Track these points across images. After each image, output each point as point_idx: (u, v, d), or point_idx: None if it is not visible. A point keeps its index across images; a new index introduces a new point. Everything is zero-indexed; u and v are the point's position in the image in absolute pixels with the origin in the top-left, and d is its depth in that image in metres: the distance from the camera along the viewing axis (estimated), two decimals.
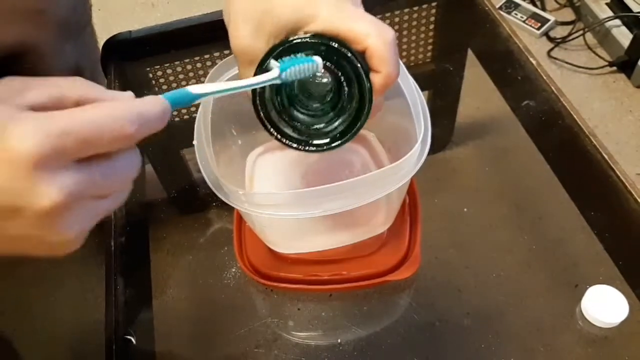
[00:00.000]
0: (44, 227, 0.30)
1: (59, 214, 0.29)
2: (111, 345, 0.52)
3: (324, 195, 0.44)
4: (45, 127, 0.28)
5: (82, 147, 0.29)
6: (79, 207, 0.30)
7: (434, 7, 0.78)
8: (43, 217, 0.29)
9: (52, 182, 0.28)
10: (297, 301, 0.56)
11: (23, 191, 0.28)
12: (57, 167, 0.28)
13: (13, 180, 0.28)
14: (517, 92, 0.70)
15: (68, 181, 0.29)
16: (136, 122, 0.30)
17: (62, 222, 0.30)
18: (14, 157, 0.27)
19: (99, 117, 0.29)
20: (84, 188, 0.30)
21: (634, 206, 0.57)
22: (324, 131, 0.43)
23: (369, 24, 0.39)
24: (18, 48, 0.72)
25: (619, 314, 0.50)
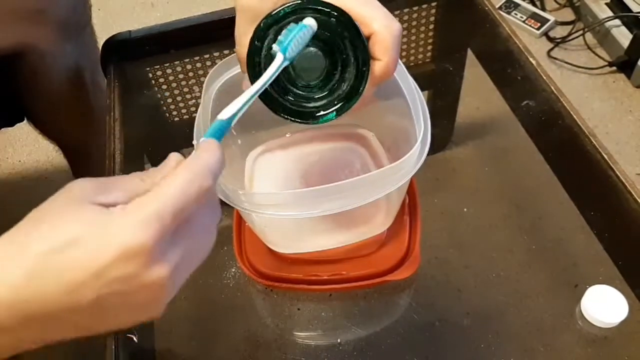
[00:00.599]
0: (152, 302, 0.32)
1: (168, 287, 0.31)
2: (111, 345, 0.52)
3: (324, 195, 0.44)
4: (142, 216, 0.29)
5: (178, 218, 0.30)
6: (181, 270, 0.32)
7: (434, 7, 0.78)
8: (154, 294, 0.31)
9: (162, 265, 0.30)
10: (297, 301, 0.56)
11: (138, 280, 0.29)
12: (163, 248, 0.30)
13: (128, 271, 0.29)
14: (517, 92, 0.70)
15: (172, 258, 0.30)
16: (209, 174, 0.32)
17: (168, 290, 0.32)
18: (130, 252, 0.28)
19: (181, 185, 0.30)
20: (185, 253, 0.31)
21: (633, 206, 0.57)
22: (310, 106, 0.43)
23: (380, 10, 0.39)
24: (18, 48, 0.72)
25: (619, 314, 0.50)
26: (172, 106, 0.76)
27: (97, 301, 0.29)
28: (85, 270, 0.28)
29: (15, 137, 1.63)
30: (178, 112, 0.76)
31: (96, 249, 0.29)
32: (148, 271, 0.29)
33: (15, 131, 1.53)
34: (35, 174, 1.56)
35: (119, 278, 0.29)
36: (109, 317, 0.31)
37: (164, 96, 0.76)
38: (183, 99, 0.76)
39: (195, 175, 0.31)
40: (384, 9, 0.40)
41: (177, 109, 0.76)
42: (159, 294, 0.31)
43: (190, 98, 0.76)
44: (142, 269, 0.29)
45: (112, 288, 0.29)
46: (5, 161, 1.60)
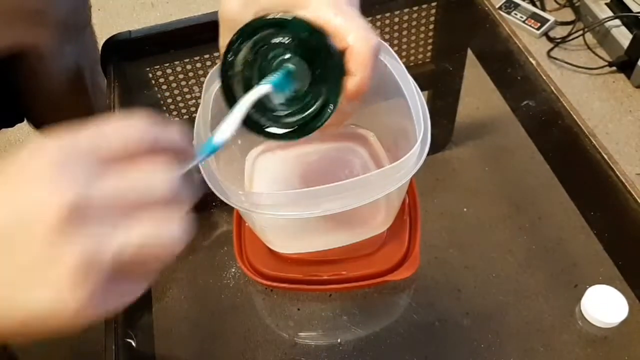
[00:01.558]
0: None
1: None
2: (111, 345, 0.52)
3: (324, 195, 0.44)
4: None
5: (90, 152, 0.27)
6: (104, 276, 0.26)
7: (434, 7, 0.78)
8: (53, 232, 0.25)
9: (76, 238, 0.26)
10: (297, 301, 0.56)
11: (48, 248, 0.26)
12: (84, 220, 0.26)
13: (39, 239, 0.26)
14: (516, 92, 0.70)
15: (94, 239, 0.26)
16: (149, 128, 0.29)
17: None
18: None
19: (108, 125, 0.28)
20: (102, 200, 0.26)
21: (633, 206, 0.57)
22: (284, 121, 0.42)
23: (357, 22, 0.38)
24: (18, 49, 0.72)
25: (619, 314, 0.50)
26: (172, 106, 0.76)
27: None
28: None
29: (15, 137, 1.63)
30: (178, 112, 0.76)
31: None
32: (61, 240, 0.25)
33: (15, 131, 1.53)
34: None
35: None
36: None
37: (164, 96, 0.76)
38: (183, 99, 0.76)
39: (129, 123, 0.28)
40: (361, 21, 0.38)
41: (177, 109, 0.76)
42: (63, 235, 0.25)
43: (190, 98, 0.76)
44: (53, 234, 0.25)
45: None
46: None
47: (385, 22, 0.77)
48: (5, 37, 0.68)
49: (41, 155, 0.26)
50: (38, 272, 0.25)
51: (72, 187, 0.25)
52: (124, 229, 0.26)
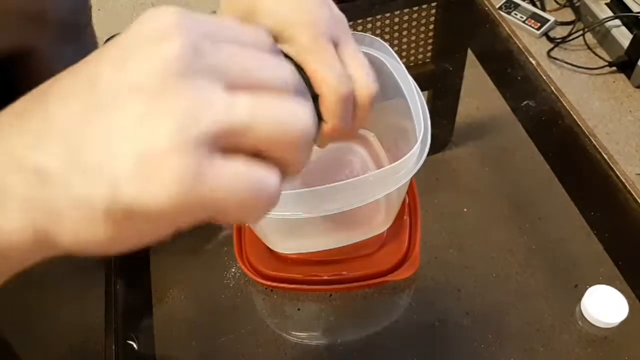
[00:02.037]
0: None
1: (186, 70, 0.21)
2: (111, 345, 0.52)
3: (324, 195, 0.44)
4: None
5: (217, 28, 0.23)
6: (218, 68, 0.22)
7: (434, 7, 0.78)
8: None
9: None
10: (297, 301, 0.56)
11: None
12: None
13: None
14: (517, 92, 0.70)
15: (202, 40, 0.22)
16: (295, 79, 0.25)
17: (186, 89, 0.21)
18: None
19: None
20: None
21: (633, 206, 0.57)
22: None
23: (331, 71, 0.36)
24: (18, 50, 0.72)
25: (619, 314, 0.50)
26: None
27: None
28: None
29: None
30: None
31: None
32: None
33: None
34: None
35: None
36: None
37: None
38: None
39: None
40: (336, 68, 0.36)
41: None
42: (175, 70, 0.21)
43: None
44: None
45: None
46: None
47: (385, 22, 0.77)
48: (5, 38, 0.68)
49: (165, 8, 0.23)
50: (136, 127, 0.20)
51: (197, 31, 0.22)
52: (238, 95, 0.22)
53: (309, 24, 0.37)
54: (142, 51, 0.21)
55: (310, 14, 0.37)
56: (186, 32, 0.21)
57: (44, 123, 0.22)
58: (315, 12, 0.37)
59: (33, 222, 0.21)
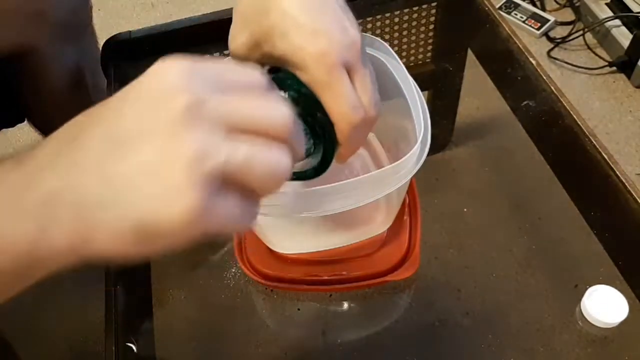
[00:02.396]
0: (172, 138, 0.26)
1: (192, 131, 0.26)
2: (111, 345, 0.52)
3: (324, 195, 0.44)
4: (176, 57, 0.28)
5: (219, 76, 0.28)
6: (215, 142, 0.27)
7: (434, 7, 0.78)
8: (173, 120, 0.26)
9: (186, 90, 0.27)
10: (297, 301, 0.56)
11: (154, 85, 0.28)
12: (195, 81, 0.27)
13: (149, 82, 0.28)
14: (517, 92, 0.70)
15: (210, 107, 0.27)
16: (290, 119, 0.29)
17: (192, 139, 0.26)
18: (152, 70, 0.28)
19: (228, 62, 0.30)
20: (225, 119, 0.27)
21: (633, 206, 0.57)
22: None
23: (345, 103, 0.38)
24: (19, 49, 0.72)
25: (619, 314, 0.50)
26: None
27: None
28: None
29: (16, 137, 1.63)
30: None
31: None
32: (163, 82, 0.27)
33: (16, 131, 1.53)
34: None
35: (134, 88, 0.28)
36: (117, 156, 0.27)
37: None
38: None
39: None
40: (349, 98, 0.38)
41: None
42: (178, 128, 0.26)
43: None
44: (156, 76, 0.27)
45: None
46: None
47: (385, 22, 0.77)
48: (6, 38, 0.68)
49: (171, 64, 0.28)
50: (155, 165, 0.26)
51: (200, 85, 0.27)
52: (237, 141, 0.27)
53: (322, 55, 0.38)
54: (156, 105, 0.27)
55: (325, 41, 0.38)
56: (191, 88, 0.27)
57: (78, 163, 0.27)
58: (331, 39, 0.38)
59: (72, 239, 0.27)
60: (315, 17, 0.38)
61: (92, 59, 0.82)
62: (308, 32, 0.38)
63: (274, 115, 0.29)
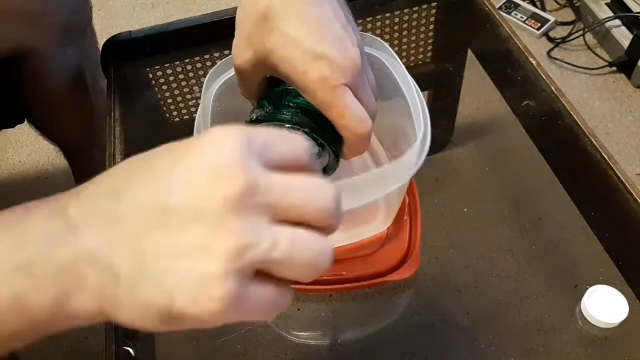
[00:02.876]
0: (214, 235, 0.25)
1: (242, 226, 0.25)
2: (111, 345, 0.52)
3: None
4: (226, 130, 0.26)
5: (270, 152, 0.27)
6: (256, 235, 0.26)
7: (434, 7, 0.78)
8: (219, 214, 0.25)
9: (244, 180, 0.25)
10: (297, 301, 0.56)
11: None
12: (251, 166, 0.26)
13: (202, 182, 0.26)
14: (517, 92, 0.70)
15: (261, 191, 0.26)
16: (306, 152, 0.29)
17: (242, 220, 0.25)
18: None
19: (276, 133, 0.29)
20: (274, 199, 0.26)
21: (633, 206, 0.57)
22: None
23: (350, 119, 0.40)
24: (19, 50, 0.72)
25: (619, 314, 0.50)
26: (172, 106, 0.76)
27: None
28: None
29: (16, 137, 1.63)
30: (178, 112, 0.76)
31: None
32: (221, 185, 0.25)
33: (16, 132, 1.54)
34: (36, 174, 1.56)
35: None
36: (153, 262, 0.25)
37: (164, 96, 0.76)
38: (183, 99, 0.76)
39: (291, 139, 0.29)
40: (354, 113, 0.40)
41: (177, 109, 0.76)
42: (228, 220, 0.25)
43: (191, 98, 0.76)
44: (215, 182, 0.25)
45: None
46: (5, 162, 1.60)
47: (385, 22, 0.77)
48: (6, 39, 0.68)
49: (227, 134, 0.26)
50: (197, 250, 0.25)
51: (254, 164, 0.26)
52: (281, 231, 0.26)
53: (324, 79, 0.39)
54: (211, 183, 0.25)
55: (326, 66, 0.38)
56: (247, 169, 0.25)
57: (117, 227, 0.26)
58: (331, 62, 0.38)
59: (100, 305, 0.26)
60: (316, 41, 0.39)
61: (92, 59, 0.82)
62: (309, 57, 0.38)
63: (320, 206, 0.28)
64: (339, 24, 0.40)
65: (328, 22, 0.39)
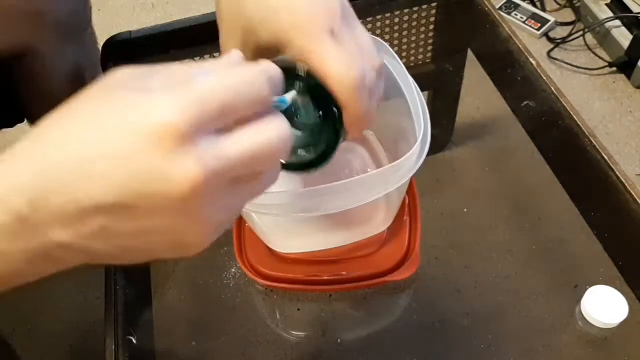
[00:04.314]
0: (180, 215, 0.26)
1: (199, 196, 0.25)
2: (111, 345, 0.52)
3: (324, 195, 0.44)
4: (181, 96, 0.25)
5: (222, 114, 0.26)
6: (221, 189, 0.27)
7: (434, 7, 0.78)
8: (181, 201, 0.25)
9: (192, 156, 0.25)
10: (297, 301, 0.56)
11: (160, 172, 0.25)
12: (197, 138, 0.25)
13: (149, 159, 0.25)
14: (517, 93, 0.70)
15: (210, 153, 0.25)
16: (267, 83, 0.28)
17: (202, 207, 0.26)
18: (150, 131, 0.24)
19: (233, 81, 0.27)
20: (227, 162, 0.26)
21: (633, 206, 0.57)
22: (298, 156, 0.41)
23: (335, 62, 0.37)
24: (18, 50, 0.72)
25: (619, 314, 0.50)
26: None
27: (114, 201, 0.25)
28: (100, 156, 0.25)
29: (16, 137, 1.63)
30: None
31: (113, 129, 0.25)
32: (170, 164, 0.24)
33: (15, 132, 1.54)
34: None
35: (138, 166, 0.24)
36: (126, 230, 0.26)
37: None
38: None
39: (254, 77, 0.28)
40: (340, 57, 0.37)
41: None
42: (186, 205, 0.25)
43: None
44: (160, 159, 0.24)
45: (129, 185, 0.25)
46: None
47: (385, 22, 0.77)
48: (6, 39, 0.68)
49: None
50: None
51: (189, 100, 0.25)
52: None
53: (302, 26, 0.37)
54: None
55: (303, 14, 0.37)
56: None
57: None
58: (308, 11, 0.37)
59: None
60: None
61: (92, 59, 0.82)
62: (285, 12, 0.38)
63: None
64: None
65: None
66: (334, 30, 0.38)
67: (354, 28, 0.39)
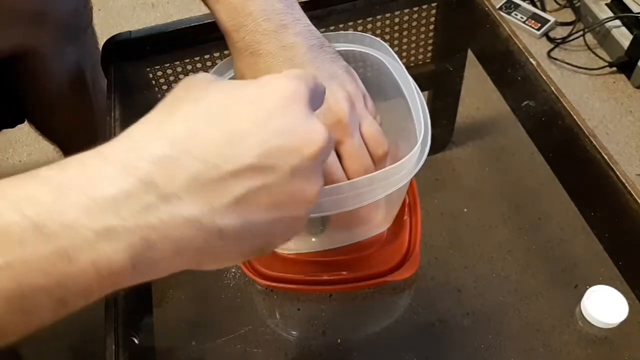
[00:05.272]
0: (309, 173, 0.30)
1: (321, 157, 0.30)
2: (111, 345, 0.52)
3: (324, 196, 0.44)
4: (292, 74, 0.31)
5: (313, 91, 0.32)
6: (322, 163, 0.32)
7: (434, 7, 0.78)
8: (313, 158, 0.29)
9: (319, 121, 0.30)
10: (297, 301, 0.56)
11: (300, 129, 0.29)
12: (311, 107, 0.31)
13: (288, 117, 0.29)
14: (517, 93, 0.70)
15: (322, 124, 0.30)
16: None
17: (319, 169, 0.31)
18: (289, 97, 0.29)
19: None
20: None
21: (634, 206, 0.57)
22: None
23: (356, 162, 0.44)
24: (19, 50, 0.72)
25: (619, 314, 0.50)
26: None
27: (253, 162, 0.27)
28: (247, 120, 0.28)
29: (16, 137, 1.63)
30: None
31: (254, 100, 0.28)
32: (306, 119, 0.29)
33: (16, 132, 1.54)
34: None
35: (281, 126, 0.28)
36: (260, 201, 0.28)
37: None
38: None
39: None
40: (360, 157, 0.44)
41: None
42: (314, 164, 0.30)
43: None
44: (301, 115, 0.29)
45: (272, 141, 0.28)
46: (5, 161, 1.60)
47: (385, 22, 0.77)
48: (6, 38, 0.68)
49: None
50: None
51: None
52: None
53: (339, 123, 0.43)
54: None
55: (335, 111, 0.43)
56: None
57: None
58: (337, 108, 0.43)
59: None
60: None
61: (92, 59, 0.82)
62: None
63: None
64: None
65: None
66: (360, 122, 0.45)
67: (368, 125, 0.46)
